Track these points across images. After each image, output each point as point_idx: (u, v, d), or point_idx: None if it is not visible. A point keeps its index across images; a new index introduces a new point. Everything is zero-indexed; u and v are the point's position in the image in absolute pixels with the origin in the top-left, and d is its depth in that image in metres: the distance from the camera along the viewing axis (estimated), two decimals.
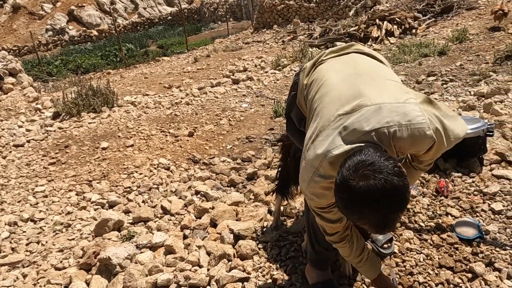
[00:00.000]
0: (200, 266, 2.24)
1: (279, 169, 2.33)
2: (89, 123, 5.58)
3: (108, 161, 4.35)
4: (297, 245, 2.24)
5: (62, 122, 5.74)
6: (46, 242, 2.97)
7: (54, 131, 5.44)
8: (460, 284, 1.76)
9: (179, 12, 24.08)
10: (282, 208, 2.57)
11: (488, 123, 2.57)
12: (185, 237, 2.66)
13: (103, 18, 27.32)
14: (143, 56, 15.53)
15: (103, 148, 4.68)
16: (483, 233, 2.00)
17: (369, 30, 9.28)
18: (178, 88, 7.70)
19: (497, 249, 1.89)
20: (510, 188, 2.30)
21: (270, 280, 2.01)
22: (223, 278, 2.02)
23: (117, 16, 26.92)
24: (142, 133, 5.11)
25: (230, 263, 2.19)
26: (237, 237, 2.42)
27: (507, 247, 1.89)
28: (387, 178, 1.09)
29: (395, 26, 9.15)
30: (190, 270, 2.19)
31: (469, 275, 1.79)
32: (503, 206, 2.16)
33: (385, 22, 9.23)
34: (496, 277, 1.75)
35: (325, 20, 13.10)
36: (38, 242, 2.99)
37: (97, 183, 3.86)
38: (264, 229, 2.49)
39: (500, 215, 2.12)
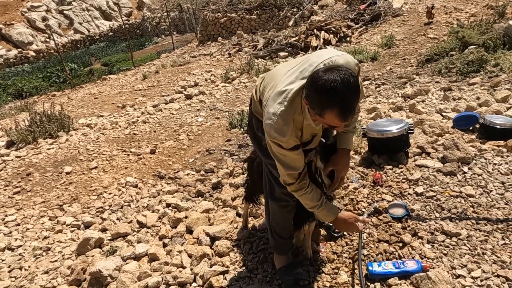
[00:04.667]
0: (184, 267, 2.58)
1: (247, 182, 2.74)
2: (48, 149, 5.63)
3: (75, 184, 4.50)
4: (265, 239, 2.65)
5: (18, 150, 5.73)
6: (29, 266, 3.13)
7: (12, 160, 5.43)
8: (394, 252, 2.26)
9: (120, 27, 23.77)
10: (249, 210, 2.97)
11: (409, 123, 3.16)
12: (164, 245, 2.97)
13: (35, 35, 26.16)
14: (88, 75, 15.27)
15: (67, 173, 4.81)
16: (410, 211, 2.53)
17: (308, 40, 10.01)
18: (132, 107, 7.86)
19: (420, 222, 2.43)
20: (429, 174, 2.88)
21: (246, 270, 2.40)
22: (206, 273, 2.38)
23: (51, 32, 25.91)
24: (103, 154, 5.28)
25: (210, 261, 2.56)
26: (213, 238, 2.79)
27: (427, 220, 2.43)
28: (348, 72, 1.55)
29: (332, 35, 9.96)
30: (175, 271, 2.52)
31: (400, 244, 2.30)
32: (424, 189, 2.73)
33: (323, 32, 10.02)
34: (419, 243, 2.27)
35: (267, 31, 13.76)
36: (20, 268, 3.13)
37: (69, 206, 4.02)
38: (236, 229, 2.87)
39: (422, 196, 2.68)
